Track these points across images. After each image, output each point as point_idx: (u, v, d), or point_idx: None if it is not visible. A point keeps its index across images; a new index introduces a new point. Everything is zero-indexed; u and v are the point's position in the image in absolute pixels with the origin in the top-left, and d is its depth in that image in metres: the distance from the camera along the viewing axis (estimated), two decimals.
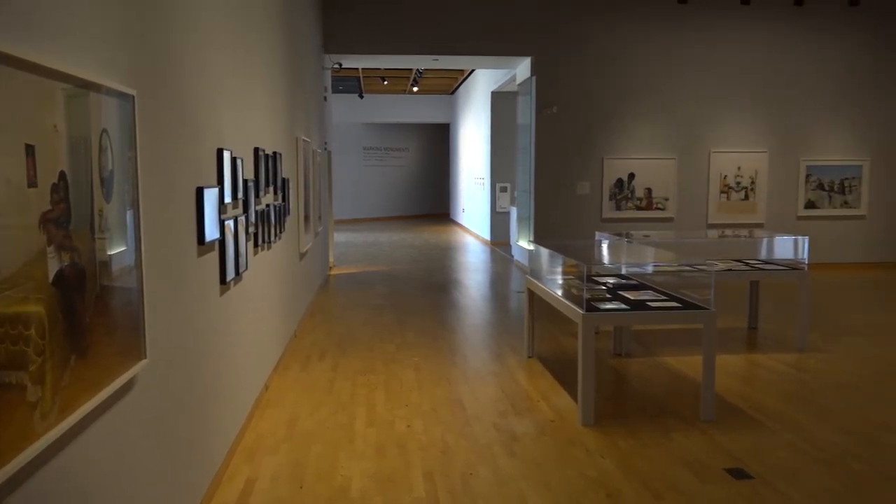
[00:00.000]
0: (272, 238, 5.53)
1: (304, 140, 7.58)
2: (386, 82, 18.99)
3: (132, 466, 2.52)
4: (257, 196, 4.89)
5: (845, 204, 11.73)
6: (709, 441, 4.25)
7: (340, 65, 11.59)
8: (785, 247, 7.35)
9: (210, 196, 3.48)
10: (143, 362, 2.53)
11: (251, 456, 4.05)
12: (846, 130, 11.65)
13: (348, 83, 18.92)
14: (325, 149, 11.20)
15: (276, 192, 5.75)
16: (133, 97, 2.44)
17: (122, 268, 2.36)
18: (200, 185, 3.37)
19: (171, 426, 2.95)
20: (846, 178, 11.68)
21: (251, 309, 4.73)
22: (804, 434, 4.37)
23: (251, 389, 4.72)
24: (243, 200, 4.40)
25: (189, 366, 3.24)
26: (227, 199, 3.89)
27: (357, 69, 16.53)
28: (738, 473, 3.79)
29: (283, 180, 6.22)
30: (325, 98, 11.17)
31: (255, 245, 4.87)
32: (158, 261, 2.78)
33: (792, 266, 6.82)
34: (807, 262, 6.73)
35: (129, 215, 2.42)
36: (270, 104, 5.68)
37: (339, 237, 17.27)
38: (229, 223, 3.93)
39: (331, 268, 11.95)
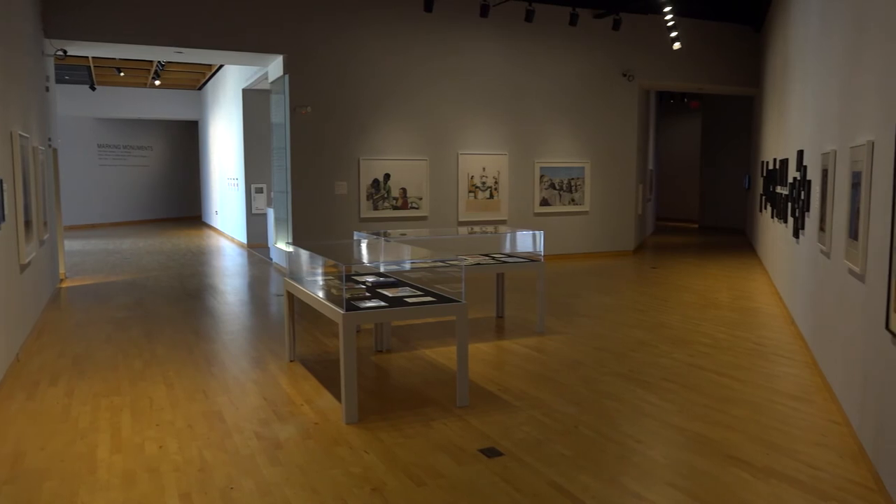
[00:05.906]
0: None
1: (20, 135, 6.64)
2: (122, 74, 17.38)
3: None
4: None
5: (572, 201, 13.26)
6: (464, 425, 4.53)
7: (65, 52, 10.32)
8: (524, 241, 8.09)
9: None
10: None
11: None
12: (572, 136, 13.17)
13: (77, 73, 16.96)
14: (50, 145, 9.92)
15: None
16: None
17: None
18: None
19: None
20: (572, 179, 13.21)
21: None
22: (544, 409, 4.85)
23: None
24: None
25: None
26: None
27: (87, 58, 14.89)
28: (491, 452, 4.09)
29: None
30: (46, 88, 9.88)
31: None
32: None
33: (531, 258, 7.53)
34: (542, 254, 7.48)
35: None
36: None
37: (72, 245, 15.47)
38: None
39: (62, 280, 10.63)
